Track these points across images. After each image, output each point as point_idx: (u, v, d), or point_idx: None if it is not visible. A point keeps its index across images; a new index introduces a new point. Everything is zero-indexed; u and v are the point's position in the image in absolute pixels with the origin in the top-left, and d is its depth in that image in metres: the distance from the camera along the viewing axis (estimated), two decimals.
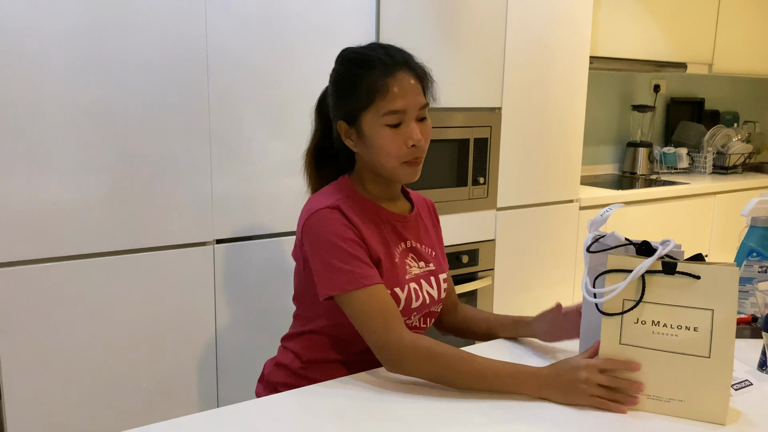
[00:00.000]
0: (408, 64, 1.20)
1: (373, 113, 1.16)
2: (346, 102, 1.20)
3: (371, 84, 1.16)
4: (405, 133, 1.17)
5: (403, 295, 1.20)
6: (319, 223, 1.17)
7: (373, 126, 1.17)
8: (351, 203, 1.21)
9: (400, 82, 1.16)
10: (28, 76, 1.53)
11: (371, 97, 1.16)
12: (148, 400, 1.78)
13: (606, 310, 1.03)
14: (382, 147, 1.17)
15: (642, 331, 1.02)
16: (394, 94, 1.15)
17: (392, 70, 1.17)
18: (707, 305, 0.97)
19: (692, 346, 0.99)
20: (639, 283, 1.02)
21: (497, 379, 1.06)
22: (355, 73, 1.18)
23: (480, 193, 2.37)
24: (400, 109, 1.16)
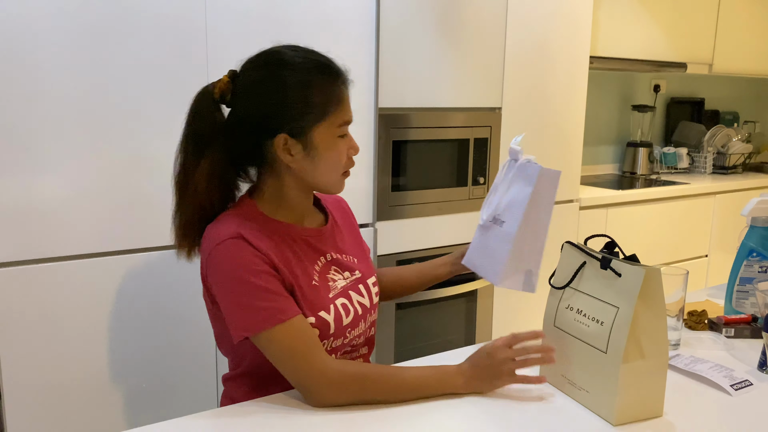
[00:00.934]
0: (342, 70, 1.14)
1: (328, 125, 1.09)
2: (295, 110, 1.08)
3: (322, 94, 1.08)
4: (348, 144, 1.14)
5: (330, 317, 1.13)
6: (224, 257, 1.06)
7: (326, 138, 1.10)
8: (257, 227, 1.10)
9: (346, 90, 1.12)
10: (28, 76, 1.53)
11: (325, 108, 1.08)
12: (148, 400, 1.78)
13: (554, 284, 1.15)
14: (334, 159, 1.12)
15: (569, 317, 1.08)
16: (346, 104, 1.12)
17: (338, 79, 1.11)
18: (615, 302, 1.00)
19: (596, 339, 1.01)
20: (578, 272, 1.09)
21: (427, 387, 1.07)
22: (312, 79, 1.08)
23: (480, 193, 2.37)
24: (351, 120, 1.13)
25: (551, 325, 1.12)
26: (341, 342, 1.16)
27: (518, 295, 2.57)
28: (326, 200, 1.30)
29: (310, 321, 1.10)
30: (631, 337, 0.97)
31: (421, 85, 2.16)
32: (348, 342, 1.18)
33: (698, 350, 1.29)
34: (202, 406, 1.86)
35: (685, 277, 1.24)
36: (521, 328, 1.11)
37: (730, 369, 1.18)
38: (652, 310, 0.98)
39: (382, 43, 2.05)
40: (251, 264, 1.05)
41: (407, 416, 1.01)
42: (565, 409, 1.04)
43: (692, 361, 1.21)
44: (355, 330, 1.19)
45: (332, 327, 1.13)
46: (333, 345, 1.15)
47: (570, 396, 1.08)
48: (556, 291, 1.12)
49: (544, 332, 1.13)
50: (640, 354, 0.98)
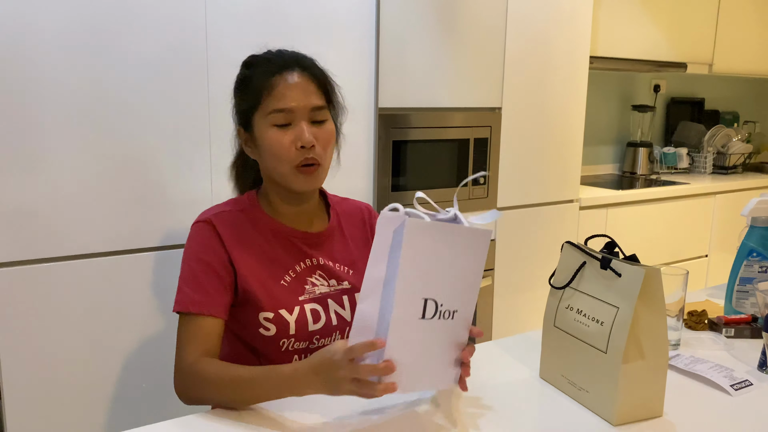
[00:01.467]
0: (299, 63, 1.15)
1: (261, 113, 1.12)
2: (239, 104, 1.18)
3: (258, 83, 1.13)
4: (294, 134, 1.11)
5: (291, 317, 1.13)
6: (190, 237, 1.15)
7: (261, 126, 1.12)
8: (237, 218, 1.16)
9: (286, 80, 1.12)
10: (27, 76, 1.53)
11: (258, 97, 1.12)
12: (148, 400, 1.78)
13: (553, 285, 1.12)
14: (271, 148, 1.12)
15: (569, 317, 1.07)
16: (279, 92, 1.11)
17: (280, 69, 1.13)
18: (615, 302, 0.99)
19: (596, 339, 1.01)
20: (578, 272, 1.08)
21: (257, 385, 0.98)
22: (245, 74, 1.17)
23: (480, 193, 2.37)
24: (286, 108, 1.11)
25: (551, 325, 1.12)
26: (305, 345, 1.16)
27: (518, 296, 2.58)
28: (341, 207, 1.29)
29: (267, 316, 1.13)
30: (631, 337, 0.97)
31: (421, 85, 2.16)
32: (315, 348, 1.17)
33: (698, 350, 1.29)
34: (202, 407, 1.86)
35: (685, 277, 1.24)
36: (521, 328, 1.10)
37: (730, 369, 1.18)
38: (652, 310, 0.98)
39: (382, 43, 2.05)
40: (201, 250, 1.12)
41: (407, 417, 1.01)
42: (565, 409, 1.04)
43: (692, 361, 1.21)
44: (325, 339, 1.18)
45: (292, 328, 1.14)
46: (294, 346, 1.16)
47: (570, 396, 1.08)
48: (556, 291, 1.12)
49: (543, 332, 1.12)
50: (640, 354, 0.98)
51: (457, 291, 0.94)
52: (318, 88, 1.15)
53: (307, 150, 1.12)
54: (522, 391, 1.10)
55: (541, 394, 1.09)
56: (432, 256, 0.90)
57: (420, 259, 0.89)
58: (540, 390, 1.11)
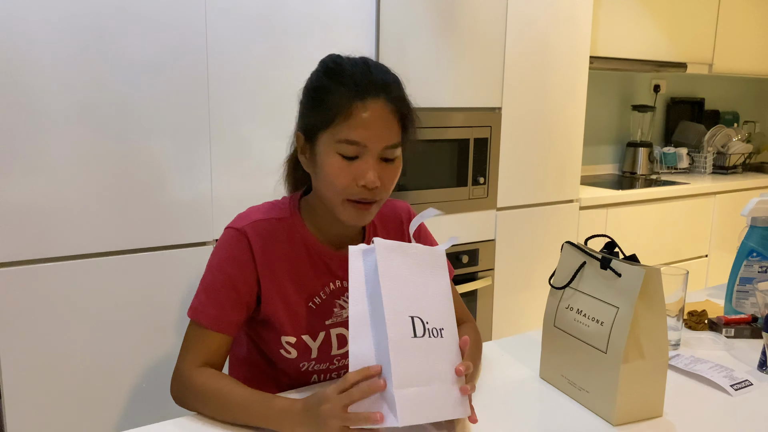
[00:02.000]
0: (387, 90, 1.02)
1: (330, 135, 1.01)
2: (307, 113, 1.06)
3: (336, 102, 1.00)
4: (358, 170, 1.00)
5: (314, 343, 1.11)
6: (221, 242, 1.09)
7: (326, 149, 1.01)
8: (274, 229, 1.08)
9: (370, 109, 0.99)
10: (27, 76, 1.53)
11: (332, 117, 1.00)
12: (148, 400, 1.78)
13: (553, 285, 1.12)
14: (329, 176, 1.01)
15: (569, 317, 1.07)
16: (357, 122, 0.99)
17: (365, 94, 1.00)
18: (615, 302, 0.99)
19: (596, 339, 1.01)
20: (578, 272, 1.08)
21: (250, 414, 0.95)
22: (323, 84, 1.04)
23: (480, 193, 2.37)
24: (359, 142, 0.99)
25: (551, 325, 1.12)
26: (326, 366, 1.15)
27: (518, 295, 2.57)
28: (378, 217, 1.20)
29: (290, 340, 1.10)
30: (631, 337, 0.97)
31: (421, 85, 2.16)
32: (335, 368, 1.17)
33: (698, 350, 1.29)
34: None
35: (685, 277, 1.24)
36: (521, 328, 1.10)
37: (730, 369, 1.18)
38: (652, 310, 0.98)
39: (382, 44, 2.05)
40: (228, 262, 1.07)
41: None
42: (565, 409, 1.04)
43: (692, 361, 1.20)
44: (346, 360, 1.16)
45: (314, 352, 1.12)
46: (314, 367, 1.15)
47: (570, 396, 1.08)
48: (556, 291, 1.12)
49: (543, 332, 1.12)
50: (640, 354, 0.98)
51: (437, 309, 0.94)
52: (398, 123, 1.04)
53: (367, 190, 1.02)
54: (522, 391, 1.10)
55: (541, 394, 1.09)
56: (406, 274, 0.92)
57: (396, 277, 0.91)
58: (540, 390, 1.11)
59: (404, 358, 0.87)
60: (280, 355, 1.12)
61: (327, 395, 0.88)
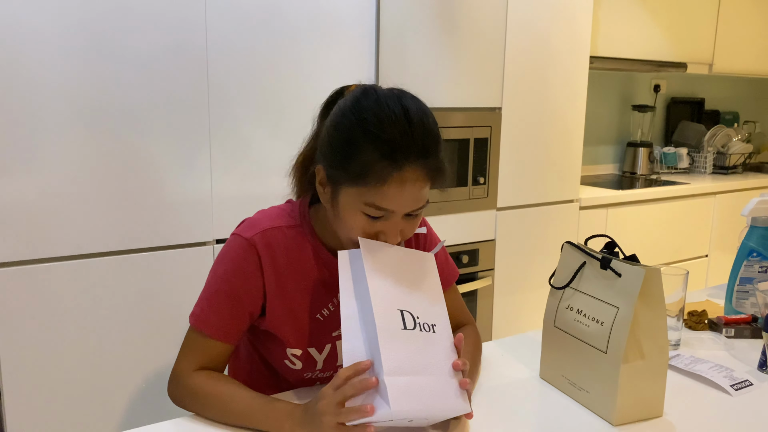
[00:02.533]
0: (426, 155, 0.94)
1: (357, 194, 0.94)
2: (335, 162, 0.97)
3: (370, 166, 0.92)
4: (382, 228, 0.97)
5: (320, 356, 1.11)
6: (228, 249, 1.06)
7: (351, 204, 0.96)
8: (285, 237, 1.05)
9: (404, 181, 0.93)
10: (27, 76, 1.53)
11: (363, 179, 0.93)
12: (148, 400, 1.78)
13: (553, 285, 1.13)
14: (349, 228, 0.98)
15: (569, 317, 1.07)
16: (389, 191, 0.93)
17: (403, 161, 0.92)
18: (615, 302, 0.99)
19: (596, 339, 1.01)
20: (578, 272, 1.08)
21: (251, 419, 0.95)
22: (358, 140, 0.94)
23: (480, 193, 2.37)
24: (388, 210, 0.95)
25: (551, 325, 1.12)
26: (330, 374, 1.14)
27: (518, 296, 2.57)
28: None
29: (295, 353, 1.10)
30: (631, 337, 0.97)
31: (421, 85, 2.16)
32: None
33: (698, 350, 1.29)
34: None
35: (685, 277, 1.24)
36: (521, 328, 1.10)
37: (730, 369, 1.18)
38: (652, 310, 0.98)
39: (382, 43, 2.05)
40: (233, 272, 1.04)
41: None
42: (565, 409, 1.04)
43: (692, 361, 1.20)
44: None
45: (320, 364, 1.12)
46: (318, 376, 1.15)
47: (570, 396, 1.08)
48: (556, 291, 1.12)
49: (543, 332, 1.12)
50: (640, 354, 0.98)
51: (428, 306, 0.95)
52: (429, 182, 0.97)
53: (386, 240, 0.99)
54: (522, 391, 1.10)
55: (541, 394, 1.09)
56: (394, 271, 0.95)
57: (384, 272, 0.93)
58: (540, 390, 1.11)
59: (394, 347, 0.88)
60: (285, 366, 1.12)
61: (323, 393, 0.89)
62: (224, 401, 0.98)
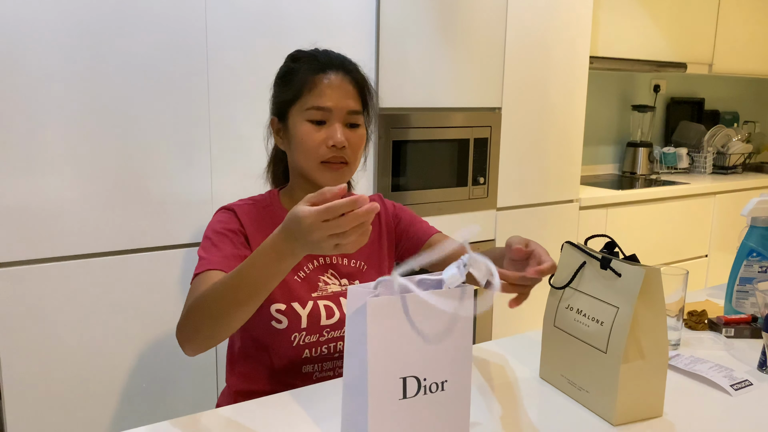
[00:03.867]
0: (345, 67, 1.18)
1: (299, 107, 1.16)
2: (278, 96, 1.21)
3: (302, 78, 1.16)
4: (327, 132, 1.14)
5: (304, 311, 1.15)
6: (212, 221, 1.18)
7: (297, 120, 1.16)
8: (258, 208, 1.20)
9: (330, 80, 1.15)
10: (26, 76, 1.53)
11: (299, 91, 1.15)
12: (147, 400, 1.78)
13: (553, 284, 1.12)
14: (301, 142, 1.15)
15: (568, 317, 1.07)
16: (321, 90, 1.14)
17: (324, 68, 1.16)
18: (615, 302, 0.99)
19: (596, 338, 1.01)
20: (578, 272, 1.08)
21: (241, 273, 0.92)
22: (290, 67, 1.20)
23: (480, 193, 2.37)
24: (325, 107, 1.14)
25: (551, 325, 1.12)
26: (316, 339, 1.17)
27: None
28: None
29: (279, 308, 1.14)
30: (631, 337, 0.97)
31: (421, 85, 2.16)
32: (324, 341, 1.18)
33: (698, 350, 1.29)
34: (202, 406, 1.86)
35: (685, 277, 1.24)
36: (521, 328, 1.10)
37: (730, 369, 1.18)
38: (652, 310, 0.98)
39: (382, 43, 2.05)
40: (220, 227, 1.15)
41: None
42: (565, 409, 1.04)
43: (692, 361, 1.21)
44: (335, 332, 1.19)
45: (304, 322, 1.15)
46: (306, 340, 1.17)
47: (570, 396, 1.08)
48: (556, 291, 1.12)
49: (543, 332, 1.13)
50: (640, 354, 0.98)
51: (443, 360, 0.83)
52: (357, 93, 1.18)
53: (337, 149, 1.15)
54: (522, 391, 1.10)
55: (541, 394, 1.09)
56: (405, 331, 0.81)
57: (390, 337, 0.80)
58: (540, 390, 1.11)
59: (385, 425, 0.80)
60: (272, 328, 1.15)
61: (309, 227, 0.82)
62: (217, 285, 0.96)
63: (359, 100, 1.18)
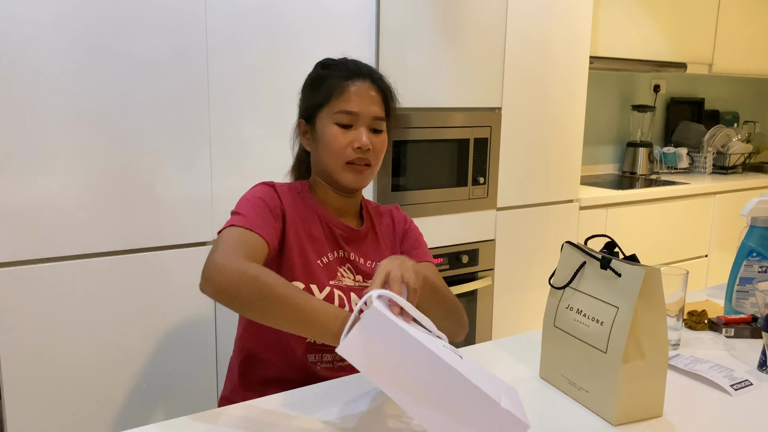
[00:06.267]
0: (372, 76, 1.24)
1: (328, 111, 1.21)
2: (307, 100, 1.26)
3: (332, 84, 1.22)
4: (353, 136, 1.20)
5: (320, 294, 1.19)
6: (249, 190, 1.21)
7: (325, 123, 1.21)
8: (294, 192, 1.25)
9: (358, 87, 1.21)
10: (27, 76, 1.53)
11: (329, 96, 1.21)
12: (148, 400, 1.78)
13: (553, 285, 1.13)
14: (329, 143, 1.20)
15: (569, 317, 1.07)
16: (349, 96, 1.20)
17: (354, 77, 1.22)
18: (615, 302, 0.99)
19: (596, 338, 1.01)
20: (578, 272, 1.08)
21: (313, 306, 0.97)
22: (320, 73, 1.26)
23: (480, 193, 2.37)
24: (353, 111, 1.20)
25: (551, 325, 1.12)
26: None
27: (518, 295, 2.57)
28: (374, 209, 1.35)
29: (299, 285, 1.17)
30: (631, 337, 0.97)
31: (421, 85, 2.16)
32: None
33: (698, 350, 1.29)
34: (202, 406, 1.86)
35: (685, 277, 1.24)
36: (521, 328, 1.10)
37: (730, 369, 1.18)
38: (652, 310, 0.98)
39: (382, 43, 2.05)
40: (260, 196, 1.18)
41: (405, 417, 1.01)
42: (565, 409, 1.04)
43: (692, 361, 1.21)
44: None
45: None
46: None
47: (570, 396, 1.08)
48: (556, 291, 1.12)
49: (543, 332, 1.13)
50: (640, 354, 0.98)
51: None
52: (382, 101, 1.24)
53: (362, 151, 1.20)
54: (522, 391, 1.11)
55: (541, 394, 1.09)
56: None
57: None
58: (540, 390, 1.11)
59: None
60: None
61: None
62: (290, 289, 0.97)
63: (383, 107, 1.24)
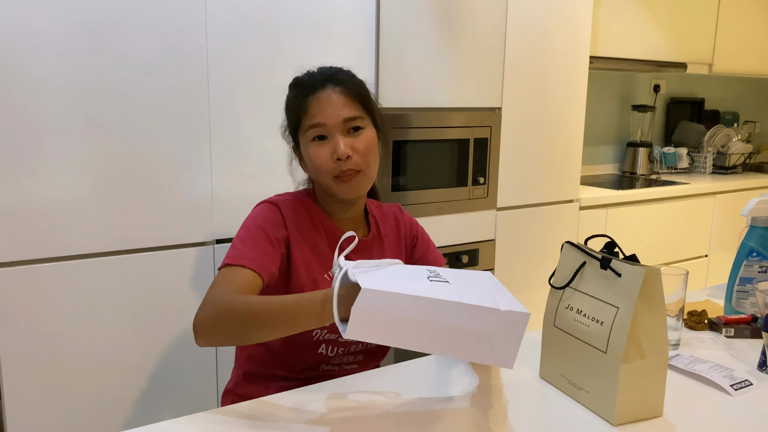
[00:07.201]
0: (331, 79, 1.20)
1: (302, 131, 1.21)
2: (288, 126, 1.27)
3: (296, 104, 1.21)
4: (331, 147, 1.18)
5: None
6: (253, 212, 1.21)
7: (305, 143, 1.21)
8: (298, 206, 1.23)
9: (318, 98, 1.19)
10: (27, 76, 1.53)
11: (298, 116, 1.21)
12: (148, 400, 1.78)
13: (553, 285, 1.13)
14: (312, 162, 1.20)
15: (569, 317, 1.07)
16: (313, 109, 1.19)
17: (313, 89, 1.20)
18: (615, 302, 0.99)
19: (596, 339, 1.01)
20: (578, 272, 1.08)
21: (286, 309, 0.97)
22: (288, 96, 1.26)
23: (480, 193, 2.37)
24: (320, 123, 1.18)
25: (551, 325, 1.12)
26: (335, 337, 1.21)
27: (518, 295, 2.57)
28: (378, 212, 1.35)
29: None
30: (631, 337, 0.97)
31: (421, 85, 2.16)
32: (344, 341, 1.22)
33: (698, 350, 1.29)
34: (202, 406, 1.86)
35: (685, 277, 1.24)
36: None
37: (730, 369, 1.18)
38: (652, 310, 0.98)
39: (382, 43, 2.05)
40: (263, 222, 1.17)
41: (406, 417, 1.01)
42: (565, 409, 1.04)
43: (692, 361, 1.21)
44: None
45: None
46: (325, 337, 1.20)
47: (570, 396, 1.08)
48: (556, 291, 1.12)
49: (543, 332, 1.13)
50: (640, 354, 0.98)
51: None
52: (353, 100, 1.20)
53: (344, 162, 1.17)
54: (522, 391, 1.11)
55: (541, 394, 1.09)
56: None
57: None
58: (540, 390, 1.11)
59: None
60: None
61: None
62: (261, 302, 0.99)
63: (355, 105, 1.20)
